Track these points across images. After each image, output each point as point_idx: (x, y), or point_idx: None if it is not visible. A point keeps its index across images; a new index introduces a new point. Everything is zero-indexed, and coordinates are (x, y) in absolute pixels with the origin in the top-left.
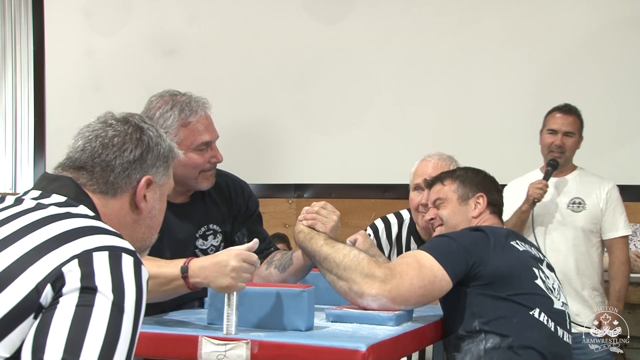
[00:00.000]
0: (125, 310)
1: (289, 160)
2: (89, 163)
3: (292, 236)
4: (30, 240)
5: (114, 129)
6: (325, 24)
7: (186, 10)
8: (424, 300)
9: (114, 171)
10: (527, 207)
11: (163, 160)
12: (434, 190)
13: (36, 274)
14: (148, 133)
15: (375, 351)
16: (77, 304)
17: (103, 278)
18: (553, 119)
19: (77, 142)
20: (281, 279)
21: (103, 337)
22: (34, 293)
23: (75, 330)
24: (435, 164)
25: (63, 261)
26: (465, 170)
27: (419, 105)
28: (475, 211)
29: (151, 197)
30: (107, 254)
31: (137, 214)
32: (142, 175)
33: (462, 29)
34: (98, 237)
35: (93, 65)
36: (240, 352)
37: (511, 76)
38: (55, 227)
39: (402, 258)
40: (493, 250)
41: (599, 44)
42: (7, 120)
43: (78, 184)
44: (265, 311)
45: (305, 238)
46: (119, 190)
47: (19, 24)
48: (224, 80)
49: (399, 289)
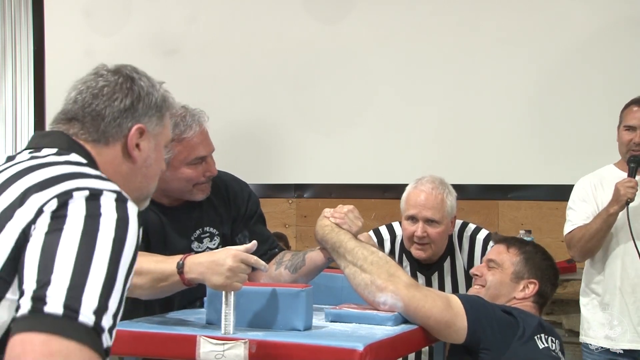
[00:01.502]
0: (100, 232)
1: (289, 160)
2: (80, 113)
3: (291, 236)
4: (15, 189)
5: (104, 79)
6: (325, 24)
7: (186, 10)
8: (431, 331)
9: (104, 120)
10: (616, 209)
11: (156, 110)
12: (495, 250)
13: (21, 219)
14: (139, 83)
15: (373, 351)
16: (47, 231)
17: (77, 206)
18: (630, 114)
19: (70, 94)
20: (292, 279)
21: (74, 257)
22: (22, 237)
23: (44, 254)
24: (429, 194)
25: (44, 202)
26: (536, 250)
27: (419, 105)
28: (521, 294)
29: (145, 146)
30: (87, 192)
31: (132, 163)
32: (134, 124)
33: (462, 28)
34: (82, 180)
35: (93, 65)
36: (239, 351)
37: (511, 76)
38: (40, 174)
39: (431, 288)
40: (518, 340)
41: (600, 42)
42: (7, 120)
43: (69, 134)
44: (264, 311)
45: (331, 230)
46: (111, 139)
47: (19, 24)
48: (224, 80)
49: (419, 303)
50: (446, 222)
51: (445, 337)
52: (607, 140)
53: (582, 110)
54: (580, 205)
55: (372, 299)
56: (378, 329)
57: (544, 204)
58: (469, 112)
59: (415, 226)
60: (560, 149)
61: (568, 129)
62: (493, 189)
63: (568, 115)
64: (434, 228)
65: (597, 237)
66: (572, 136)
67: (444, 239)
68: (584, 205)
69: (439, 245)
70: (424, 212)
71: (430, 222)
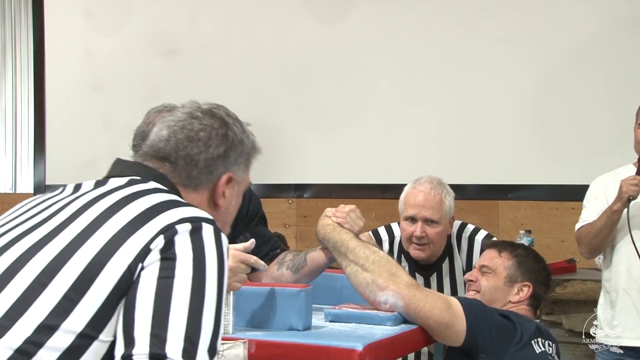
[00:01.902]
0: (207, 277)
1: (289, 160)
2: (173, 155)
3: (291, 236)
4: (115, 222)
5: (200, 122)
6: (325, 24)
7: (186, 10)
8: (430, 331)
9: (197, 166)
10: (619, 206)
11: (245, 157)
12: (486, 255)
13: (126, 255)
14: (233, 129)
15: (372, 351)
16: (159, 276)
17: (183, 247)
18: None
19: (162, 131)
20: (294, 280)
21: (187, 307)
22: (127, 274)
23: (159, 303)
24: (427, 194)
25: (150, 238)
26: (527, 253)
27: (419, 105)
28: (516, 297)
29: (229, 193)
30: (188, 224)
31: (215, 210)
32: (224, 172)
33: (462, 29)
34: (179, 210)
35: (93, 65)
36: (238, 351)
37: (511, 76)
38: (137, 205)
39: (432, 290)
40: (515, 345)
41: (600, 42)
42: (7, 120)
43: (164, 174)
44: (263, 310)
45: (333, 229)
46: (200, 186)
47: (19, 24)
48: (224, 80)
49: (419, 303)
50: (445, 222)
51: (445, 339)
52: (607, 140)
53: (582, 110)
54: (592, 202)
55: (372, 298)
56: (377, 329)
57: (544, 204)
58: (469, 112)
59: (414, 226)
60: (560, 149)
61: (568, 129)
62: (493, 189)
63: (568, 115)
64: (433, 228)
65: (602, 234)
66: (572, 136)
67: (442, 239)
68: (595, 202)
69: (437, 245)
70: (422, 212)
71: (429, 222)
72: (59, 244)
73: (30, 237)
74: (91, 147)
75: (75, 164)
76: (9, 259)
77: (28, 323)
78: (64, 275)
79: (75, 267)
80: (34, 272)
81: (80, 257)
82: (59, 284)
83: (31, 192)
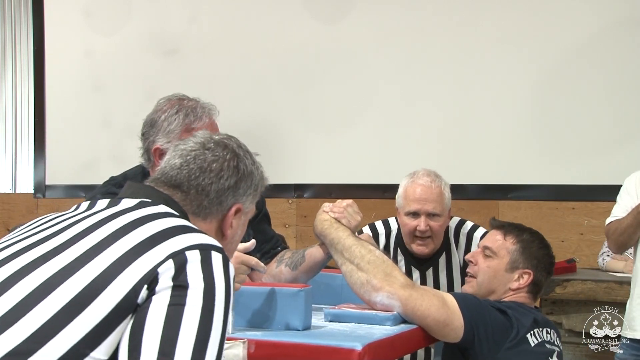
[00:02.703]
0: (216, 308)
1: (289, 160)
2: (185, 184)
3: (291, 236)
4: (124, 243)
5: (212, 154)
6: (325, 24)
7: (186, 10)
8: (429, 330)
9: (208, 196)
10: None
11: (253, 189)
12: (491, 237)
13: (133, 275)
14: (244, 161)
15: (372, 350)
16: (170, 303)
17: (194, 276)
18: None
19: (174, 159)
20: (292, 277)
21: (195, 335)
22: (131, 294)
23: (168, 329)
24: (428, 187)
25: (158, 262)
26: (533, 238)
27: (419, 105)
28: (516, 284)
29: (236, 223)
30: (198, 252)
31: (222, 239)
32: (233, 203)
33: (462, 29)
34: (188, 236)
35: (93, 65)
36: (237, 351)
37: (511, 76)
38: (147, 228)
39: (427, 287)
40: (509, 342)
41: (600, 42)
42: (7, 120)
43: (176, 200)
44: (263, 310)
45: (330, 226)
46: (210, 216)
47: (19, 24)
48: (224, 80)
49: (415, 302)
50: (446, 214)
51: (444, 336)
52: (607, 140)
53: (582, 111)
54: (624, 198)
55: (367, 298)
56: (377, 329)
57: (544, 204)
58: (469, 112)
59: (416, 221)
60: (560, 149)
61: (568, 129)
62: (493, 189)
63: (568, 115)
64: (436, 221)
65: (627, 232)
66: (572, 136)
67: (443, 231)
68: (627, 198)
69: (440, 238)
70: (425, 206)
71: (432, 215)
72: (64, 259)
73: (35, 250)
74: (91, 147)
75: (75, 164)
76: (12, 268)
77: (20, 331)
78: (65, 289)
79: (78, 282)
80: (34, 283)
81: (84, 273)
82: (59, 297)
83: (31, 192)
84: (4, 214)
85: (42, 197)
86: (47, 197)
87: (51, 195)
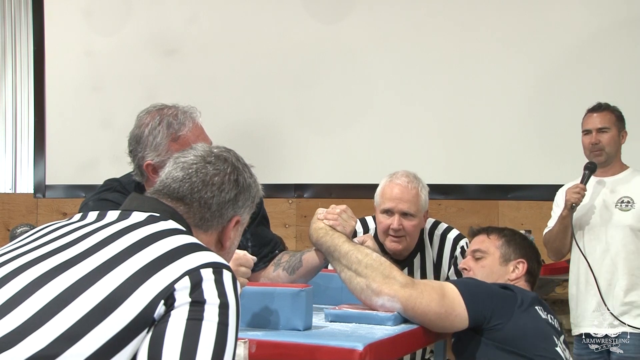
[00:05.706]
0: (229, 322)
1: (289, 160)
2: (188, 197)
3: (289, 237)
4: (140, 259)
5: (214, 167)
6: (325, 24)
7: (186, 10)
8: (433, 326)
9: (210, 209)
10: (566, 213)
11: (251, 201)
12: (476, 240)
13: (150, 290)
14: (243, 174)
15: (373, 350)
16: (188, 317)
17: (210, 293)
18: (585, 119)
19: (176, 172)
20: (290, 281)
21: (212, 348)
22: (148, 309)
23: (187, 342)
24: (404, 187)
25: (175, 278)
26: (513, 232)
27: (419, 105)
28: (513, 274)
29: (234, 235)
30: (211, 271)
31: (220, 250)
32: (233, 215)
33: (461, 29)
34: (201, 254)
35: (93, 65)
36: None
37: (511, 76)
38: (162, 245)
39: (426, 280)
40: (518, 308)
41: (599, 43)
42: (7, 120)
43: (179, 212)
44: (264, 311)
45: (325, 234)
46: (211, 228)
47: (19, 24)
48: (224, 80)
49: (416, 301)
50: (420, 216)
51: (451, 327)
52: None
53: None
54: (555, 210)
55: (369, 302)
56: (378, 329)
57: (544, 204)
58: (469, 112)
59: (390, 219)
60: (560, 149)
61: (568, 129)
62: (493, 189)
63: (568, 115)
64: (409, 221)
65: (558, 239)
66: (571, 136)
67: (417, 232)
68: (557, 210)
69: (413, 238)
70: (400, 205)
71: (405, 215)
72: (80, 271)
73: (49, 261)
74: (91, 147)
75: (75, 164)
76: (26, 280)
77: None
78: (81, 302)
79: (95, 295)
80: (50, 295)
81: (101, 287)
82: (76, 309)
83: (31, 192)
84: (4, 214)
85: (42, 197)
86: (47, 197)
87: (51, 195)
